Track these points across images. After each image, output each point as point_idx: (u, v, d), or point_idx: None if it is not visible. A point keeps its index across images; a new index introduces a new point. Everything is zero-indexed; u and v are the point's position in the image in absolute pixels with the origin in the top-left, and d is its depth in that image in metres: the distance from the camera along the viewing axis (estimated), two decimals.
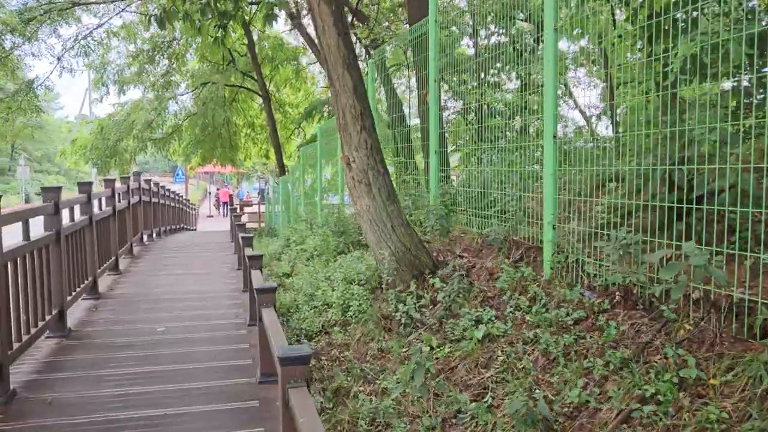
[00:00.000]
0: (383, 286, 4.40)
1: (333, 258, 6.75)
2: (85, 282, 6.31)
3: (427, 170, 6.07)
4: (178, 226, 18.29)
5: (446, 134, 5.82)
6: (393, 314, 4.06)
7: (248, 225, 26.97)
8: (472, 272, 4.23)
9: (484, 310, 3.64)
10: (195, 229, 25.93)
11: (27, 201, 45.64)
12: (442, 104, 8.27)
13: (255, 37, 21.34)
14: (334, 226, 7.26)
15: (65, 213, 5.71)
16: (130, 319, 5.77)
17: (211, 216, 35.43)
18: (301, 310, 5.21)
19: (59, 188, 5.25)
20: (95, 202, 6.98)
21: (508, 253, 4.12)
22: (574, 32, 3.98)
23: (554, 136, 3.69)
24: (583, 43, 4.88)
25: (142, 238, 11.08)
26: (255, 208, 29.72)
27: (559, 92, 12.39)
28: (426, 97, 5.72)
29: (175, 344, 4.99)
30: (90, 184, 6.86)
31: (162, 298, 6.62)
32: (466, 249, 4.62)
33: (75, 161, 18.52)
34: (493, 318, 3.52)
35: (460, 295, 3.86)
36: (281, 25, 22.28)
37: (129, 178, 9.45)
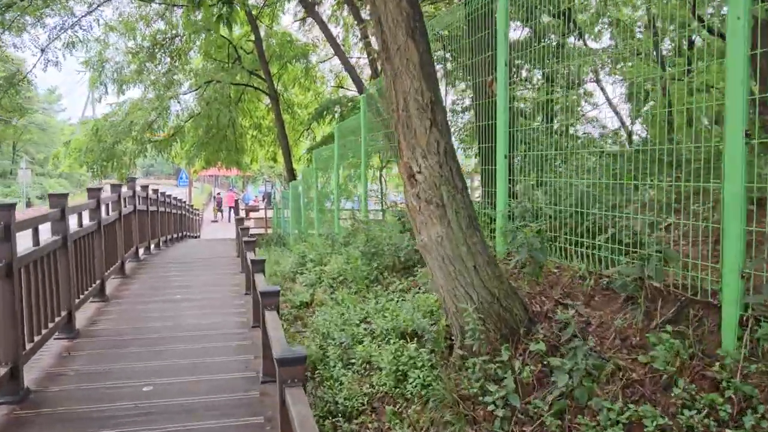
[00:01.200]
0: (458, 349, 3.08)
1: (365, 288, 5.43)
2: (56, 320, 5.00)
3: (489, 181, 4.75)
4: (180, 234, 17.03)
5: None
6: (479, 397, 2.75)
7: (254, 230, 25.80)
8: (589, 332, 2.90)
9: (639, 407, 2.32)
10: (198, 236, 24.69)
11: (29, 205, 44.58)
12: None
13: (262, 33, 20.12)
14: (363, 246, 5.93)
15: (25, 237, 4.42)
16: (111, 372, 4.46)
17: (216, 221, 34.20)
18: (333, 369, 3.89)
19: (11, 206, 3.95)
20: (72, 218, 5.69)
21: (648, 307, 2.80)
22: None
23: (746, 134, 2.36)
24: None
25: (137, 253, 9.78)
26: (261, 213, 28.48)
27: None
28: (492, 85, 4.40)
29: (167, 417, 3.67)
30: (65, 196, 5.57)
31: (153, 337, 5.32)
32: (567, 294, 3.30)
33: (69, 165, 17.25)
34: (664, 426, 2.20)
35: (587, 376, 2.54)
36: (289, 18, 20.99)
37: (120, 185, 8.17)
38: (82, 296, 5.88)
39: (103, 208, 7.16)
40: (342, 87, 21.74)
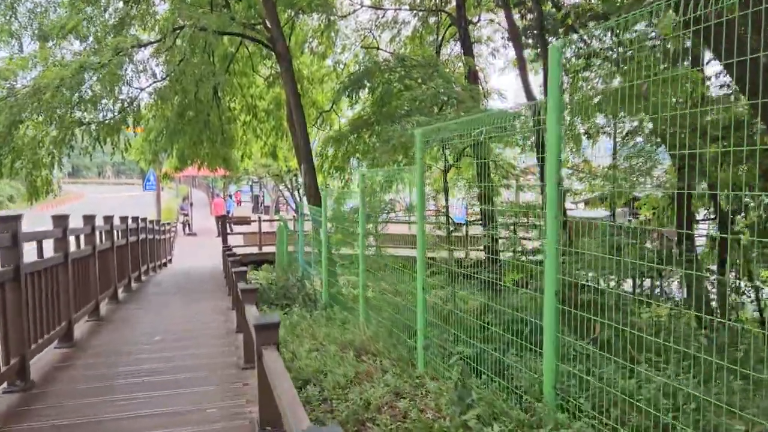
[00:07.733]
0: None
1: None
2: None
3: None
4: (135, 275, 10.25)
5: None
6: None
7: (245, 250, 18.87)
8: None
9: None
10: (170, 261, 17.84)
11: None
12: None
13: None
14: None
15: None
16: None
17: (193, 234, 27.18)
18: None
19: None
20: None
21: None
22: None
23: None
24: None
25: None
26: (254, 227, 21.59)
27: None
28: None
29: None
30: None
31: None
32: None
33: None
34: None
35: None
36: None
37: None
38: None
39: None
40: (377, 48, 15.14)
